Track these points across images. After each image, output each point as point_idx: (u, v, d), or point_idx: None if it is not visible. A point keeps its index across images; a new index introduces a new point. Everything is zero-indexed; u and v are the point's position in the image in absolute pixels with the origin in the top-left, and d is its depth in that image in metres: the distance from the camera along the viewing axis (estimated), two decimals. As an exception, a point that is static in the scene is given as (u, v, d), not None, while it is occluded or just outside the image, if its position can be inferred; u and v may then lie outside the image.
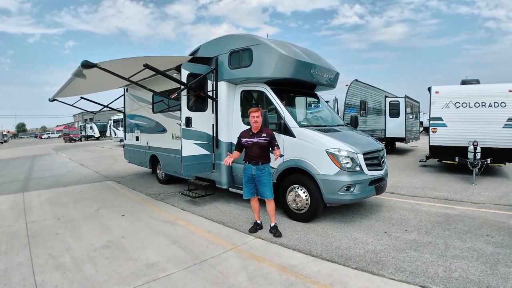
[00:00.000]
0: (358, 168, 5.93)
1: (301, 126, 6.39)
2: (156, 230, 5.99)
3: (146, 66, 6.03)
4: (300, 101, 7.97)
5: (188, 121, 7.09)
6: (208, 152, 7.55)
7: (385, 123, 18.19)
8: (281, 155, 6.37)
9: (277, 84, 6.93)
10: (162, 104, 9.64)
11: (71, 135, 52.17)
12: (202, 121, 7.42)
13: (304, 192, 6.17)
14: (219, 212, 7.03)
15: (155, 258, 4.70)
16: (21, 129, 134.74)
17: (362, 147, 6.19)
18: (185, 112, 7.11)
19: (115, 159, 19.22)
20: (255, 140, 5.55)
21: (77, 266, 4.53)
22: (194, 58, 7.64)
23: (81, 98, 10.82)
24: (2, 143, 60.28)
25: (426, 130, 22.55)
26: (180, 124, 7.08)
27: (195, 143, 7.25)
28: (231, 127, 7.44)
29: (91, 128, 53.26)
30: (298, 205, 6.23)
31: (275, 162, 6.50)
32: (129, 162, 12.74)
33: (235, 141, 7.21)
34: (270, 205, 5.69)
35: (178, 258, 4.69)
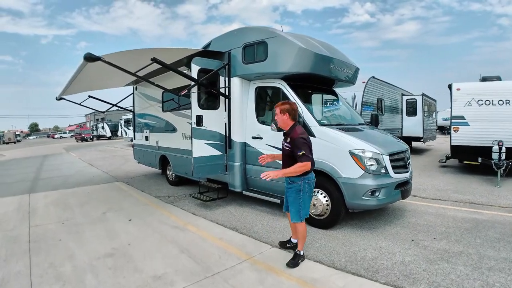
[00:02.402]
0: (383, 171, 5.46)
1: (322, 125, 5.93)
2: (165, 236, 5.60)
3: (154, 60, 5.66)
4: (318, 98, 7.52)
5: (199, 120, 6.68)
6: (220, 153, 7.13)
7: (402, 122, 17.66)
8: None
9: (294, 80, 6.49)
10: (172, 102, 9.27)
11: (83, 135, 52.65)
12: (214, 120, 7.00)
13: (324, 197, 5.72)
14: (232, 217, 6.60)
15: (162, 269, 4.29)
16: (33, 129, 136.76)
17: (387, 148, 5.71)
18: (196, 110, 6.70)
19: (125, 159, 18.99)
20: (283, 143, 4.52)
21: (78, 276, 4.15)
22: (205, 52, 7.22)
23: (89, 96, 10.69)
24: (15, 142, 61.22)
25: (440, 129, 22.02)
26: (191, 123, 6.67)
27: (206, 143, 6.84)
28: (245, 126, 7.00)
29: (102, 127, 53.47)
30: (317, 211, 5.76)
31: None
32: (138, 163, 12.42)
33: (249, 141, 6.85)
34: (297, 229, 4.51)
35: (187, 270, 4.28)
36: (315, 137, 5.74)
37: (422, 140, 17.39)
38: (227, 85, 7.10)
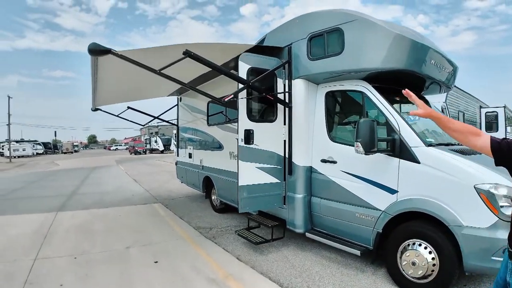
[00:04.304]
0: None
1: (429, 144, 4.07)
2: (196, 296, 3.98)
3: (187, 53, 4.17)
4: (408, 108, 5.62)
5: (249, 136, 5.07)
6: (277, 180, 5.42)
7: None
8: (395, 191, 4.13)
9: (379, 81, 4.73)
10: (219, 115, 7.82)
11: (136, 148, 53.88)
12: (268, 136, 5.37)
13: (429, 252, 3.84)
14: (290, 268, 4.78)
15: None
16: (92, 140, 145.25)
17: None
18: (245, 122, 5.11)
19: (171, 175, 17.85)
20: None
21: None
22: (259, 48, 5.61)
23: (128, 107, 9.67)
24: (72, 152, 64.71)
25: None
26: (237, 140, 5.09)
27: (258, 167, 5.17)
28: (311, 145, 5.28)
29: (155, 141, 54.15)
30: (418, 272, 3.88)
31: (381, 200, 4.28)
32: (181, 182, 11.05)
33: (316, 166, 5.14)
34: None
35: None
36: (419, 163, 3.92)
37: None
38: (287, 90, 5.44)
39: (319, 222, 5.21)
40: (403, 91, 2.22)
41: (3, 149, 52.85)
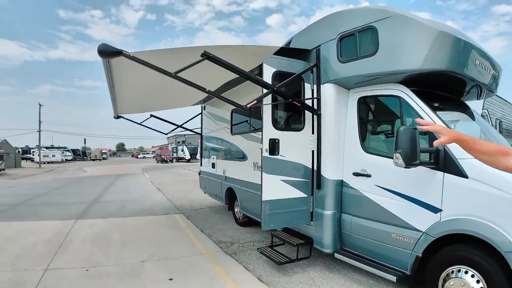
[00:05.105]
0: None
1: (477, 157, 3.56)
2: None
3: (206, 55, 3.88)
4: (454, 115, 5.07)
5: (274, 146, 4.67)
6: (304, 195, 4.98)
7: None
8: (438, 210, 3.63)
9: (417, 85, 4.25)
10: (243, 124, 7.48)
11: (163, 156, 54.77)
12: (295, 146, 4.95)
13: (477, 281, 3.31)
14: (316, 291, 4.34)
15: None
16: (120, 148, 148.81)
17: None
18: (269, 131, 4.72)
19: (196, 185, 17.66)
20: None
21: None
22: (284, 51, 5.23)
23: (151, 115, 9.54)
24: (100, 160, 66.69)
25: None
26: (262, 150, 4.69)
27: (283, 180, 4.75)
28: (342, 156, 4.84)
29: (182, 150, 54.66)
30: (464, 304, 3.36)
31: (421, 220, 3.79)
32: (204, 193, 10.75)
33: (348, 179, 4.68)
34: None
35: None
36: (467, 178, 3.42)
37: None
38: (315, 95, 5.02)
39: (349, 242, 4.72)
40: (415, 119, 1.84)
41: (33, 154, 54.76)
